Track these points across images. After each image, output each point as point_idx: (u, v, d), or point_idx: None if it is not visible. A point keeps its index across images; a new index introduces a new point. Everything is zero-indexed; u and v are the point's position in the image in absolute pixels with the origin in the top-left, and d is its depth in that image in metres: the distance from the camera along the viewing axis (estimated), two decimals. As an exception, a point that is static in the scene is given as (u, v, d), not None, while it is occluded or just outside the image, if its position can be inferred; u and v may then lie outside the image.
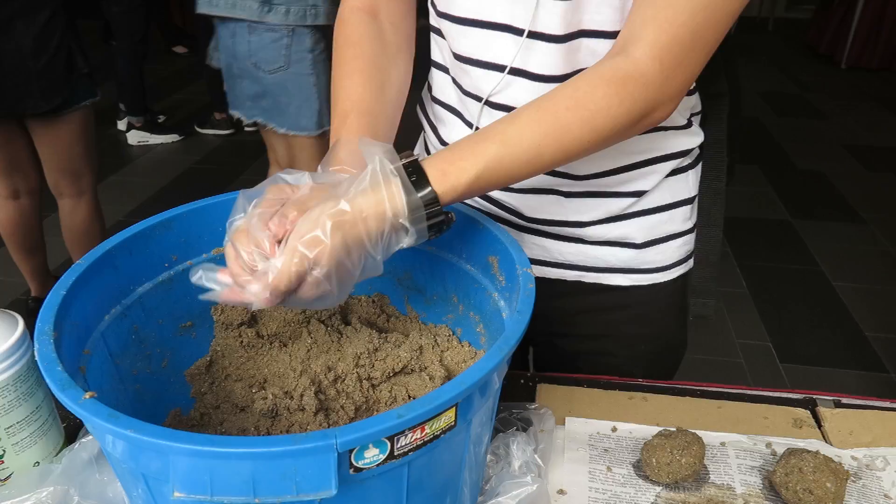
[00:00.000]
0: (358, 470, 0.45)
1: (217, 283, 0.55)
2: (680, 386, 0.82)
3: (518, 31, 0.71)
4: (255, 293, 0.53)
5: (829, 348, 2.35)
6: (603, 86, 0.60)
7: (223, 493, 0.43)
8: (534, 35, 0.70)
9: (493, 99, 0.76)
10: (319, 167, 0.61)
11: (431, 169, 0.57)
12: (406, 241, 0.57)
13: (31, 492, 0.62)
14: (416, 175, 0.56)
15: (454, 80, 0.81)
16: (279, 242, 0.53)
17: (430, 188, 0.56)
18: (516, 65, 0.72)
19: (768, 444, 0.73)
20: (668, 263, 0.85)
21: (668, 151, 0.80)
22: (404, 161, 0.56)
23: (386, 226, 0.54)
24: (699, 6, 0.59)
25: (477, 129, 0.79)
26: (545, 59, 0.71)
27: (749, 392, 0.81)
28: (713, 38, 0.61)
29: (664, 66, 0.60)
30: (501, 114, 0.76)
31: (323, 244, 0.52)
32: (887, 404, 0.78)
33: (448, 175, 0.57)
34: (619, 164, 0.78)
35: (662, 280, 0.86)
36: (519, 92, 0.74)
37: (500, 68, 0.73)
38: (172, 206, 0.69)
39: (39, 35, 1.86)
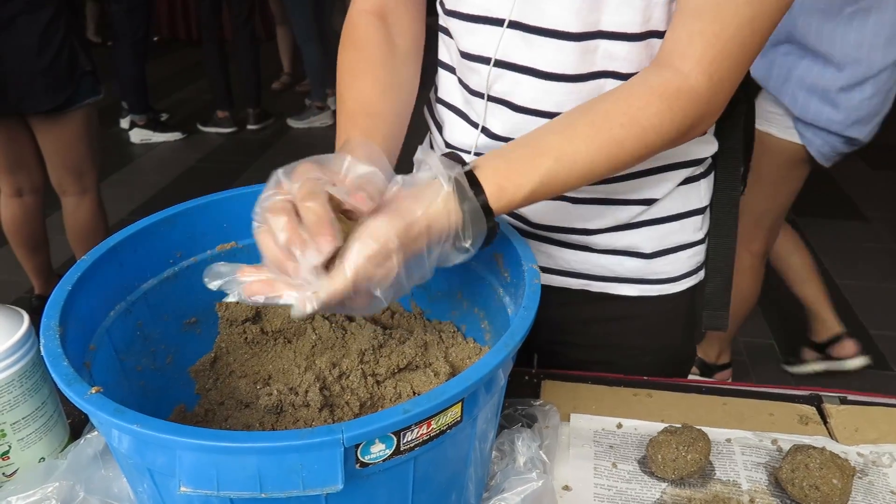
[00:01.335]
0: (364, 465, 0.45)
1: (237, 283, 0.52)
2: (685, 383, 0.82)
3: (525, 28, 0.70)
4: (305, 299, 0.51)
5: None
6: (656, 101, 0.60)
7: (229, 487, 0.43)
8: (544, 32, 0.69)
9: (499, 95, 0.75)
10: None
11: (489, 184, 0.57)
12: (461, 258, 0.57)
13: (36, 487, 0.62)
14: (475, 188, 0.56)
15: (460, 80, 0.80)
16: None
17: (487, 204, 0.57)
18: (525, 62, 0.71)
19: (774, 441, 0.72)
20: (677, 274, 0.83)
21: (682, 159, 0.78)
22: (466, 170, 0.57)
23: (448, 244, 0.55)
24: (746, 19, 0.59)
25: (484, 129, 0.78)
26: (556, 57, 0.69)
27: (754, 389, 0.81)
28: (757, 48, 0.62)
29: (713, 81, 0.61)
30: (507, 111, 0.75)
31: (391, 268, 0.52)
32: (893, 401, 0.78)
33: (505, 191, 0.58)
34: (631, 169, 0.76)
35: (671, 291, 0.84)
36: (528, 90, 0.72)
37: (507, 66, 0.73)
38: (175, 204, 0.68)
39: (42, 33, 1.86)
